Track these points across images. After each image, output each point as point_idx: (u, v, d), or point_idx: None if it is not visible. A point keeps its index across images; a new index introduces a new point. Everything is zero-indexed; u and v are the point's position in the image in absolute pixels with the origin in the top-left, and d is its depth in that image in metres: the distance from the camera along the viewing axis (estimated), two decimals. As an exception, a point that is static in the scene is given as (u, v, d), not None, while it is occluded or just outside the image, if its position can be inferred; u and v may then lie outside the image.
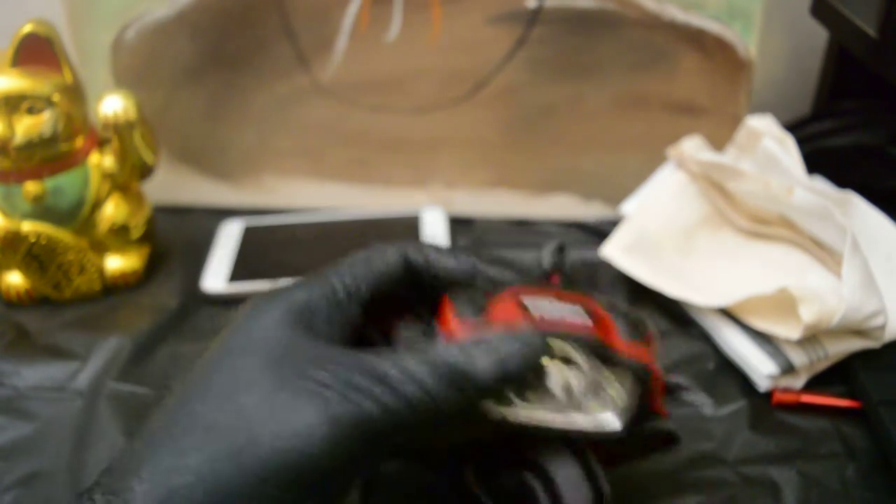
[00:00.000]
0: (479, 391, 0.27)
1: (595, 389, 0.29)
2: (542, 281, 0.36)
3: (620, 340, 0.30)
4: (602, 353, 0.29)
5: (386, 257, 0.31)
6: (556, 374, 0.28)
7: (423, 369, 0.26)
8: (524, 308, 0.29)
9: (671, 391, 0.33)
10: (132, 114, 0.48)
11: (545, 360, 0.28)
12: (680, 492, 0.36)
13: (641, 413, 0.30)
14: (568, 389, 0.28)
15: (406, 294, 0.31)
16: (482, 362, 0.26)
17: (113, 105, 0.48)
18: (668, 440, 0.33)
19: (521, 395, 0.28)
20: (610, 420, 0.28)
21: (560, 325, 0.29)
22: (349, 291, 0.29)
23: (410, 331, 0.31)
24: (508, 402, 0.28)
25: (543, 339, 0.28)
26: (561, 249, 0.40)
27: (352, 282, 0.30)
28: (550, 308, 0.29)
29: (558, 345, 0.29)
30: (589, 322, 0.30)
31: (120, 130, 0.48)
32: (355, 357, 0.26)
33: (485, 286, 0.31)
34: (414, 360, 0.26)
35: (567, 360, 0.29)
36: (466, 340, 0.27)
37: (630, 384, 0.29)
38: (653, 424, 0.32)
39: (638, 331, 0.30)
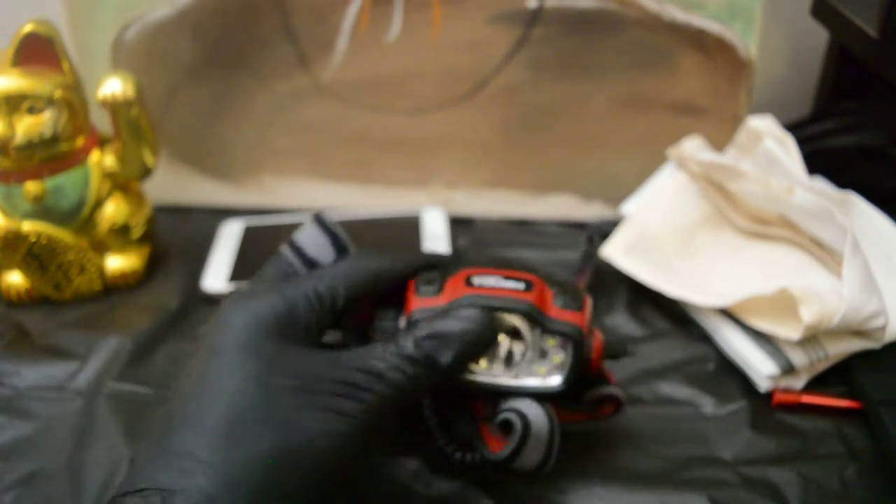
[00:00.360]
0: (449, 371, 0.32)
1: (541, 354, 0.35)
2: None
3: (554, 307, 0.35)
4: (534, 317, 0.34)
5: (359, 272, 0.35)
6: (505, 345, 0.35)
7: (404, 362, 0.31)
8: (469, 283, 0.35)
9: (613, 354, 0.37)
10: (130, 93, 0.47)
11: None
12: (680, 492, 0.36)
13: (588, 376, 0.36)
14: (510, 357, 0.35)
15: (376, 294, 0.36)
16: (447, 354, 0.32)
17: (112, 86, 0.47)
18: (615, 404, 0.37)
19: (478, 363, 0.35)
20: (553, 380, 0.35)
21: (496, 291, 0.34)
22: (323, 302, 0.33)
23: (385, 318, 0.36)
24: (469, 371, 0.34)
25: (493, 321, 0.34)
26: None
27: (327, 293, 0.33)
28: (492, 282, 0.35)
29: (507, 318, 0.34)
30: (524, 291, 0.35)
31: (117, 110, 0.48)
32: (349, 359, 0.31)
33: (445, 269, 0.37)
34: (396, 353, 0.31)
35: (514, 332, 0.34)
36: (434, 327, 0.33)
37: (568, 348, 0.35)
38: (601, 390, 0.37)
39: (573, 300, 0.35)
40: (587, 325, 0.35)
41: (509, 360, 0.35)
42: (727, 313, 0.44)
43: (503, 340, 0.34)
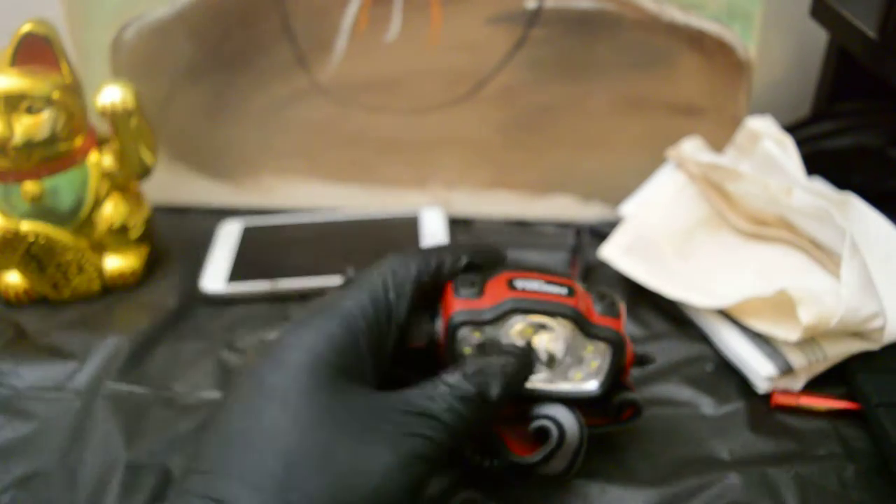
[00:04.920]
0: (499, 404, 0.32)
1: (578, 360, 0.35)
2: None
3: (595, 313, 0.35)
4: (579, 322, 0.34)
5: (407, 277, 0.34)
6: (542, 348, 0.34)
7: (458, 401, 0.30)
8: (512, 286, 0.34)
9: (640, 362, 0.38)
10: (130, 103, 0.47)
11: (533, 338, 0.34)
12: (678, 493, 0.36)
13: (614, 384, 0.36)
14: (552, 359, 0.34)
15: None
16: (495, 387, 0.31)
17: (111, 94, 0.47)
18: (634, 410, 0.37)
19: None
20: (590, 385, 0.35)
21: (540, 296, 0.34)
22: (391, 319, 0.33)
23: (420, 322, 0.35)
24: None
25: (531, 352, 0.34)
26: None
27: (395, 310, 0.33)
28: (535, 286, 0.35)
29: (544, 320, 0.34)
30: (567, 296, 0.34)
31: (117, 119, 0.48)
32: (404, 401, 0.30)
33: (481, 270, 0.36)
34: (450, 393, 0.31)
35: (556, 345, 0.34)
36: (479, 363, 0.32)
37: (606, 354, 0.35)
38: (625, 395, 0.36)
39: (611, 307, 0.35)
40: (624, 332, 0.35)
41: (550, 363, 0.34)
42: (726, 314, 0.44)
43: (538, 341, 0.34)
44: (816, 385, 0.42)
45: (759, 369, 0.41)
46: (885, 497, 0.36)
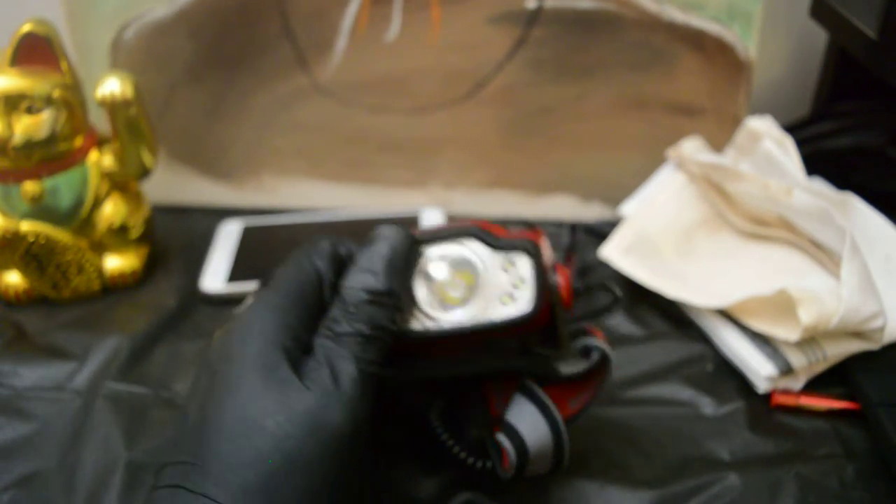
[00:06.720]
0: (392, 293, 0.32)
1: (502, 286, 0.33)
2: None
3: (503, 231, 0.34)
4: (482, 237, 0.33)
5: (328, 243, 0.35)
6: (460, 283, 0.33)
7: (354, 313, 0.31)
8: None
9: (591, 292, 0.38)
10: (129, 93, 0.47)
11: (455, 273, 0.33)
12: (679, 492, 0.36)
13: (573, 332, 0.35)
14: (472, 287, 0.33)
15: None
16: (379, 277, 0.31)
17: (110, 85, 0.47)
18: (602, 360, 0.36)
19: (444, 309, 0.33)
20: (521, 305, 0.32)
21: (442, 227, 0.34)
22: (320, 278, 0.33)
23: None
24: (432, 319, 0.33)
25: (399, 228, 0.33)
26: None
27: (322, 270, 0.33)
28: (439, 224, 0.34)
29: (457, 250, 0.33)
30: (470, 222, 0.34)
31: (116, 110, 0.48)
32: (320, 340, 0.31)
33: None
34: (342, 311, 0.31)
35: (470, 267, 0.33)
36: (358, 263, 0.32)
37: (528, 267, 0.33)
38: (586, 341, 0.36)
39: (529, 227, 0.35)
40: (542, 244, 0.33)
41: (469, 293, 0.33)
42: (726, 314, 0.44)
43: (455, 279, 0.33)
44: (816, 385, 0.42)
45: (759, 369, 0.41)
46: (885, 497, 0.36)
